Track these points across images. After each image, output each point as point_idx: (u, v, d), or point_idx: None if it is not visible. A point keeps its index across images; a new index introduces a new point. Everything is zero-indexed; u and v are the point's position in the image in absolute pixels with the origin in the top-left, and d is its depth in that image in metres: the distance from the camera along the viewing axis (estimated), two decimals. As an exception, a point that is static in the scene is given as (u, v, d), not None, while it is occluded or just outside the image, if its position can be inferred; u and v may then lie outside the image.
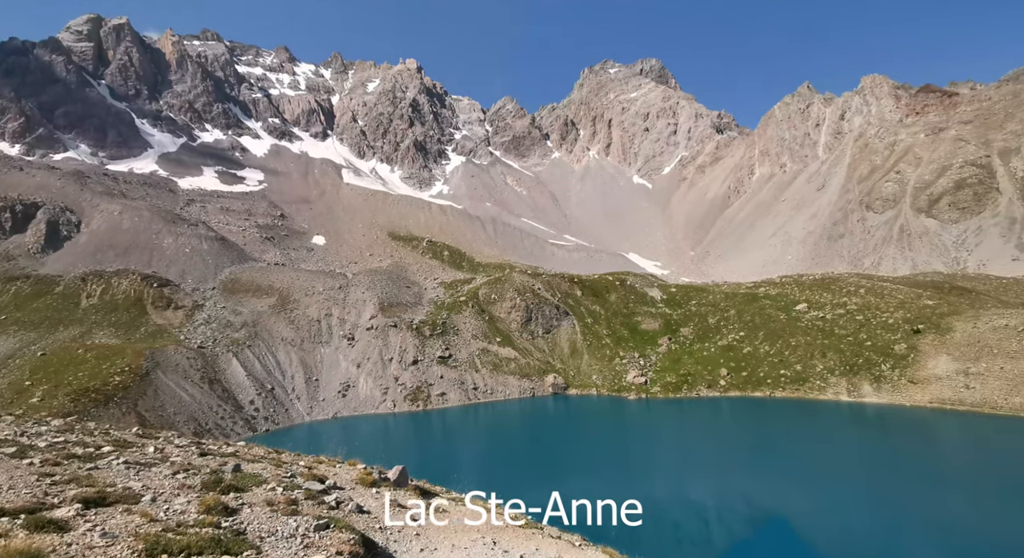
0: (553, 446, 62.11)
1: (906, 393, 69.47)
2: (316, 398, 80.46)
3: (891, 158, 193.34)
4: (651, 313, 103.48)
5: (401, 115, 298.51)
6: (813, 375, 76.80)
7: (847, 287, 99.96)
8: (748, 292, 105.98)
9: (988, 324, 73.40)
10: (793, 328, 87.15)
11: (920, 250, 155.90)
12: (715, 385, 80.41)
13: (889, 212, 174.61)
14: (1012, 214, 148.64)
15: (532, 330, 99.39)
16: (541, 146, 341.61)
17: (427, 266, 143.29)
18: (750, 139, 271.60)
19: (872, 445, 60.14)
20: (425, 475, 21.81)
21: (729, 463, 54.95)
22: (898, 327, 79.84)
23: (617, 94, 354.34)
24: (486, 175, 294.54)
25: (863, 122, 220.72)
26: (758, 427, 68.16)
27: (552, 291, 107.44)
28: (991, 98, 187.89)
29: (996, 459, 53.75)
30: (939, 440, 61.17)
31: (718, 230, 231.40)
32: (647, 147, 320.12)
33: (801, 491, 46.02)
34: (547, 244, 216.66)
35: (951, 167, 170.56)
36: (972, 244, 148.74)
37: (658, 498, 45.61)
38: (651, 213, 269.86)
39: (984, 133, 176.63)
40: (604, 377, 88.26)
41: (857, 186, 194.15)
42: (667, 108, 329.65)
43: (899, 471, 51.01)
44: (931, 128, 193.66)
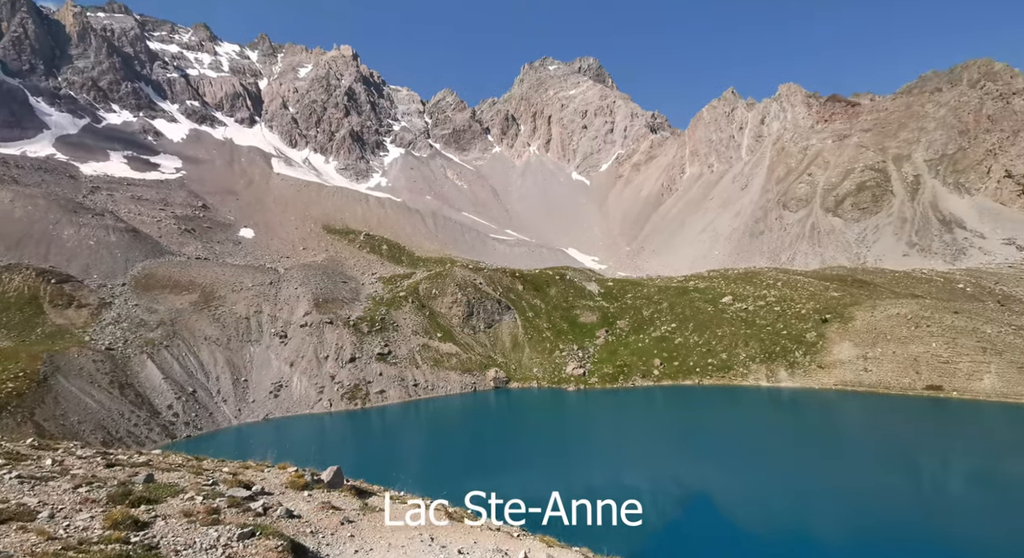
0: (495, 440, 62.49)
1: (815, 377, 76.01)
2: (245, 400, 76.02)
3: (804, 161, 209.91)
4: (589, 306, 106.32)
5: (336, 103, 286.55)
6: (737, 363, 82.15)
7: (767, 280, 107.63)
8: (679, 286, 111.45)
9: (883, 313, 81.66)
10: (720, 319, 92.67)
11: (828, 246, 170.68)
12: (649, 375, 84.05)
13: (802, 211, 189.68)
14: (903, 214, 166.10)
15: (474, 325, 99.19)
16: (482, 140, 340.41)
17: (365, 260, 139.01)
18: (681, 139, 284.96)
19: (786, 426, 65.59)
20: (363, 475, 21.16)
21: (663, 449, 57.79)
22: (809, 317, 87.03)
23: (556, 91, 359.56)
24: (426, 168, 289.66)
25: (780, 127, 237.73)
26: (688, 414, 72.15)
27: (494, 286, 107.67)
28: (887, 109, 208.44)
29: (885, 434, 60.21)
30: (841, 419, 67.56)
31: (652, 226, 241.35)
32: (585, 144, 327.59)
33: (726, 471, 49.21)
34: (488, 239, 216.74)
35: (854, 171, 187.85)
36: (871, 241, 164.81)
37: (596, 485, 47.09)
38: (589, 209, 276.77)
39: (881, 140, 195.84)
40: (545, 370, 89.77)
41: (775, 186, 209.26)
42: (604, 107, 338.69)
43: (807, 448, 55.87)
44: (837, 135, 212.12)
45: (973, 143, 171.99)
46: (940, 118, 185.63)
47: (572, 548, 13.98)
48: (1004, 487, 44.36)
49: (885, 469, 48.92)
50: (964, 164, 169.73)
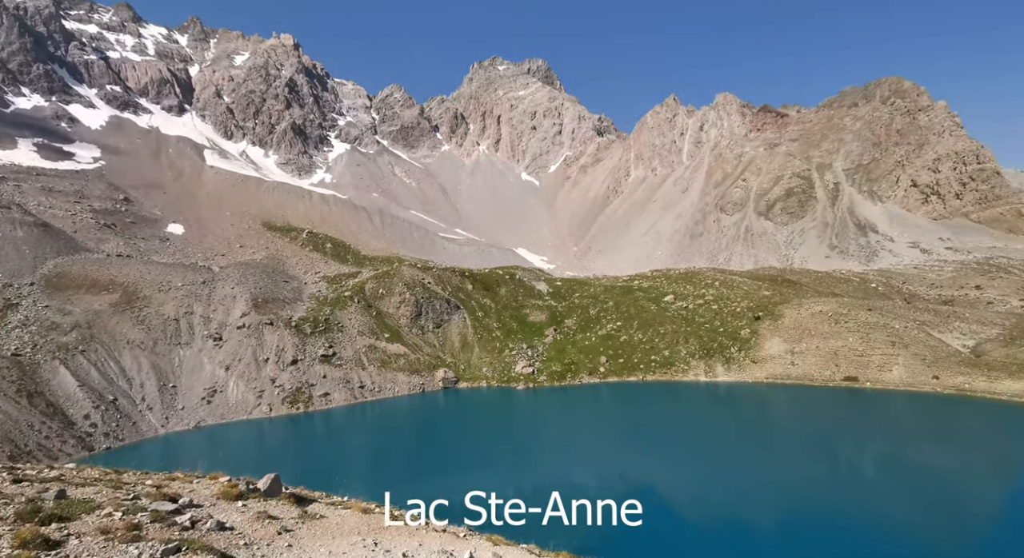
0: (444, 440, 61.86)
1: (749, 371, 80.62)
2: (174, 407, 71.13)
3: (739, 167, 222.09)
4: (538, 306, 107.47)
5: (276, 95, 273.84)
6: (678, 359, 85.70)
7: (705, 280, 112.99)
8: (624, 285, 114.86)
9: (808, 311, 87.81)
10: (662, 317, 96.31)
11: (760, 248, 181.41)
12: (596, 372, 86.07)
13: (737, 214, 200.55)
14: (826, 219, 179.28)
15: (422, 325, 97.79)
16: (431, 138, 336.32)
17: (308, 259, 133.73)
18: (626, 143, 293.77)
19: (723, 418, 69.18)
20: (304, 481, 20.35)
21: (609, 444, 59.33)
22: (744, 315, 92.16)
23: (506, 91, 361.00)
24: (373, 165, 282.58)
25: (717, 134, 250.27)
26: (633, 409, 74.51)
27: (443, 285, 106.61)
28: (811, 120, 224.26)
29: (810, 423, 64.94)
30: (771, 410, 72.03)
31: (599, 227, 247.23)
32: (534, 145, 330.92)
33: (669, 463, 51.23)
34: (437, 237, 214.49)
35: (782, 177, 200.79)
36: (798, 243, 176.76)
37: (543, 483, 47.66)
38: (538, 209, 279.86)
39: (806, 150, 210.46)
40: (494, 369, 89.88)
41: (713, 190, 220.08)
42: (553, 108, 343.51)
43: (742, 438, 59.20)
44: (768, 143, 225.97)
45: (884, 155, 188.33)
46: (856, 131, 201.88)
47: (519, 545, 14.06)
48: (910, 470, 48.98)
49: (810, 456, 52.71)
50: (877, 174, 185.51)
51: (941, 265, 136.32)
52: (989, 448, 54.74)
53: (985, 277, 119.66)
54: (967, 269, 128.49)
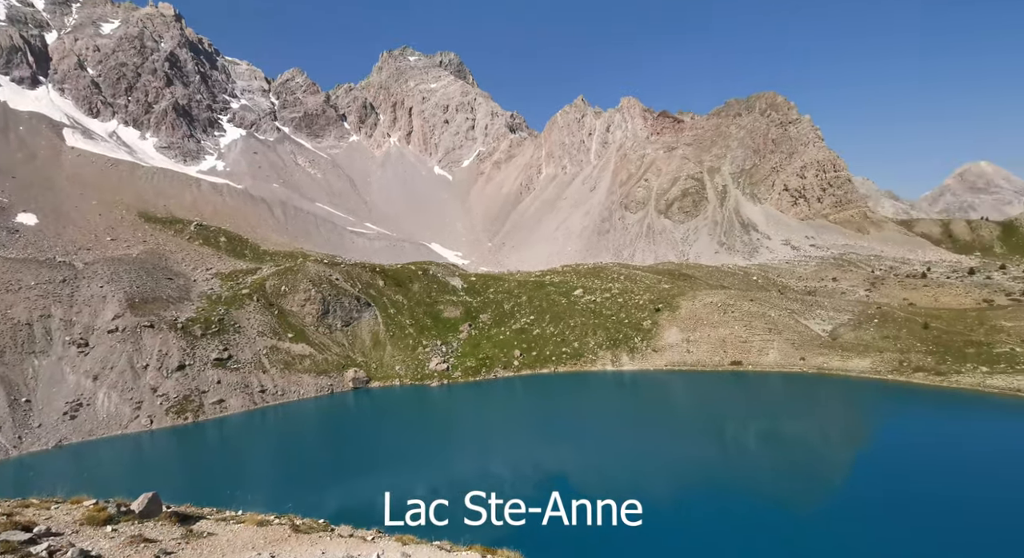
0: (353, 442, 59.43)
1: (651, 360, 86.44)
2: (28, 425, 61.28)
3: (641, 168, 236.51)
4: (453, 301, 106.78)
5: (154, 70, 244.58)
6: (587, 350, 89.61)
7: (612, 275, 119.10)
8: (537, 280, 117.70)
9: (701, 302, 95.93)
10: (572, 311, 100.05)
11: (660, 244, 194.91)
12: (510, 366, 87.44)
13: (640, 212, 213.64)
14: (715, 218, 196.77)
15: (330, 323, 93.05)
16: (338, 127, 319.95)
17: (197, 254, 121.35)
18: (538, 141, 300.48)
19: (628, 404, 73.68)
20: (192, 498, 18.43)
21: (524, 435, 60.62)
22: (646, 307, 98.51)
23: (418, 83, 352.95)
24: (272, 153, 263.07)
25: (622, 136, 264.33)
26: (546, 400, 76.72)
27: (352, 281, 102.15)
28: (703, 127, 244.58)
29: (703, 404, 71.25)
30: (671, 394, 77.93)
31: (512, 223, 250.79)
32: (447, 139, 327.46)
33: (580, 449, 53.43)
34: (346, 232, 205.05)
35: (679, 179, 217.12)
36: (692, 240, 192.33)
37: (459, 477, 47.60)
38: (452, 204, 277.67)
39: (699, 154, 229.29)
40: (407, 367, 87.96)
41: (618, 190, 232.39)
42: (466, 103, 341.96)
43: (646, 421, 63.49)
44: (667, 146, 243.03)
45: (763, 161, 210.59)
46: (740, 139, 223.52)
47: (431, 543, 13.85)
48: (783, 440, 55.66)
49: (702, 434, 57.84)
50: (756, 178, 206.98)
51: (806, 260, 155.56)
52: (841, 418, 63.97)
53: (840, 270, 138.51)
54: (826, 263, 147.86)
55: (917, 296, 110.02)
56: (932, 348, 74.21)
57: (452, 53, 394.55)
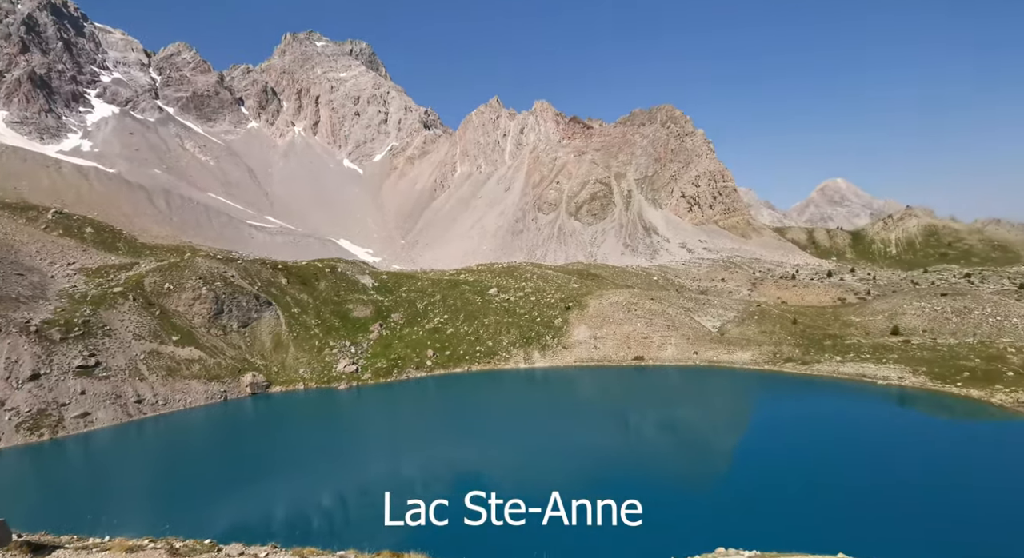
0: (249, 452, 54.92)
1: (561, 356, 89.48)
2: None
3: (553, 171, 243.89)
4: (363, 300, 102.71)
5: (7, 34, 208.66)
6: (501, 349, 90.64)
7: (525, 274, 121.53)
8: (451, 279, 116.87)
9: (607, 301, 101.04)
10: (486, 309, 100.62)
11: (571, 245, 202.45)
12: (423, 366, 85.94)
13: (552, 214, 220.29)
14: (621, 221, 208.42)
15: (224, 325, 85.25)
16: (234, 111, 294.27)
17: (56, 247, 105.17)
18: (453, 139, 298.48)
19: (539, 400, 75.70)
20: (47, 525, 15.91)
21: (437, 435, 59.79)
22: (557, 305, 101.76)
23: (325, 70, 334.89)
24: (153, 135, 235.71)
25: (535, 138, 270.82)
26: (459, 399, 76.43)
27: (251, 279, 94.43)
28: (610, 134, 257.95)
29: (609, 398, 75.21)
30: (579, 389, 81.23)
31: (426, 221, 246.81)
32: (358, 132, 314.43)
33: (493, 445, 53.83)
34: (244, 225, 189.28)
35: (588, 183, 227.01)
36: (600, 241, 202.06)
37: (367, 481, 45.90)
38: (363, 200, 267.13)
39: (607, 159, 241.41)
40: (313, 369, 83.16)
41: (532, 191, 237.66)
42: (378, 95, 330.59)
43: (556, 415, 65.59)
44: (577, 151, 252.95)
45: (663, 169, 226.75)
46: (644, 147, 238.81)
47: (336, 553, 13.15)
48: (679, 426, 60.39)
49: (612, 424, 61.03)
50: (658, 184, 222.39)
51: (700, 262, 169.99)
52: (726, 405, 70.92)
53: (727, 272, 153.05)
54: (716, 265, 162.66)
55: (788, 295, 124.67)
56: (799, 341, 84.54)
57: (363, 42, 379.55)
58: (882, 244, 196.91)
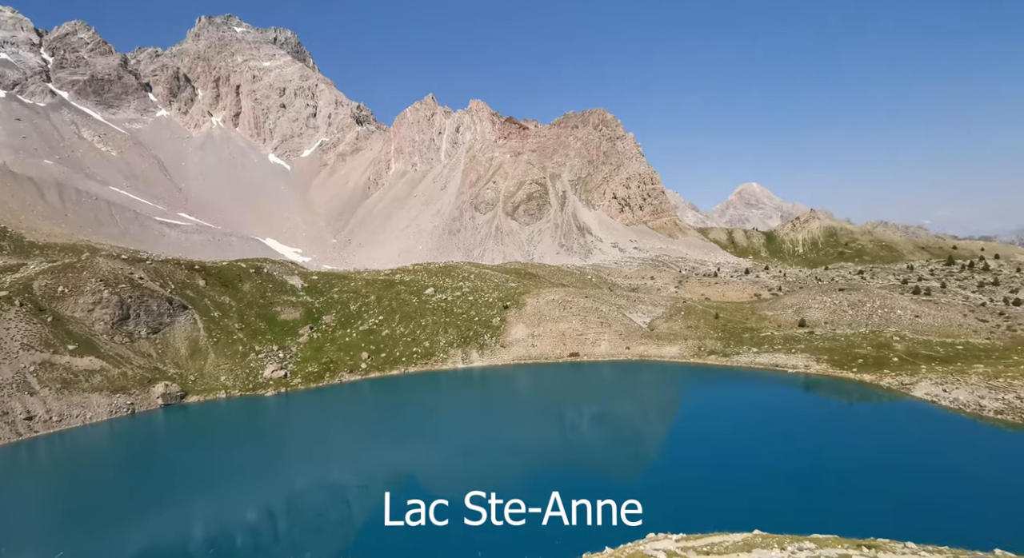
0: (158, 469, 50.47)
1: (499, 355, 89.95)
2: None
3: (490, 170, 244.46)
4: (292, 302, 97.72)
5: None
6: (438, 349, 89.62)
7: (463, 273, 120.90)
8: (386, 279, 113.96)
9: (544, 299, 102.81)
10: (423, 310, 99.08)
11: (508, 244, 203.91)
12: (357, 369, 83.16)
13: (489, 213, 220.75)
14: (557, 221, 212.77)
15: (131, 331, 77.91)
16: (140, 98, 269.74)
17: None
18: (387, 135, 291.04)
19: (476, 399, 75.76)
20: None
21: (370, 439, 58.10)
22: (495, 305, 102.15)
23: (247, 59, 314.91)
24: (44, 121, 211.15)
25: (472, 138, 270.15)
26: (395, 401, 74.77)
27: (163, 281, 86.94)
28: (545, 136, 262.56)
29: (546, 394, 76.66)
30: (517, 387, 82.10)
31: (359, 219, 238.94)
32: (284, 125, 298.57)
33: (431, 445, 53.11)
34: (154, 223, 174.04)
35: (525, 183, 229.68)
36: (537, 241, 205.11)
37: (297, 490, 43.82)
38: (291, 197, 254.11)
39: (542, 160, 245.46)
40: (236, 376, 78.00)
41: (468, 190, 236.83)
42: (306, 88, 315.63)
43: (494, 414, 65.89)
44: (513, 151, 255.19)
45: (596, 171, 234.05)
46: (578, 149, 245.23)
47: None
48: (611, 418, 62.65)
49: (549, 421, 62.16)
50: (591, 186, 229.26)
51: (631, 261, 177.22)
52: (655, 397, 74.56)
53: (656, 270, 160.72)
54: (646, 264, 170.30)
55: (711, 292, 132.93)
56: (721, 335, 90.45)
57: (288, 31, 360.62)
58: (791, 244, 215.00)
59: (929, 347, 74.67)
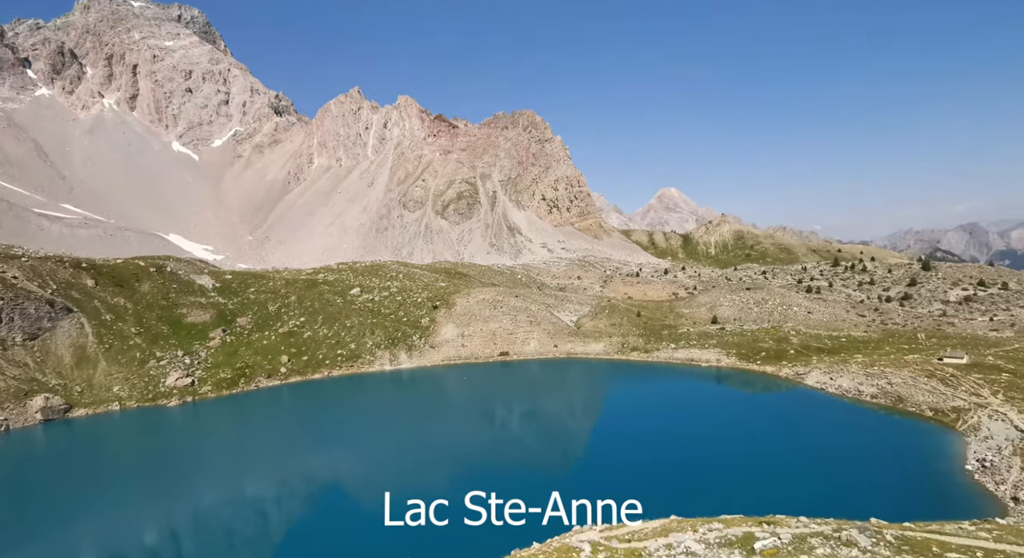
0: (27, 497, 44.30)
1: (428, 356, 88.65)
2: None
3: (419, 168, 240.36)
4: (201, 304, 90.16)
5: None
6: (365, 351, 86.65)
7: (391, 273, 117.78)
8: (308, 278, 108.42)
9: (474, 299, 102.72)
10: (349, 310, 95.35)
11: (438, 243, 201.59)
12: (276, 373, 78.40)
13: (419, 211, 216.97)
14: (487, 221, 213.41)
15: (3, 337, 68.13)
16: (16, 74, 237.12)
17: None
18: (309, 128, 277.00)
19: (404, 402, 74.20)
20: None
21: (286, 448, 54.91)
22: (424, 304, 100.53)
23: (145, 36, 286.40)
24: None
25: (400, 134, 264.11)
26: (316, 407, 71.15)
27: (42, 281, 76.83)
28: (475, 135, 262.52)
29: (476, 393, 76.69)
30: (446, 388, 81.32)
31: (279, 215, 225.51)
32: (192, 112, 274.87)
33: (354, 452, 51.13)
34: (31, 215, 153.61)
35: (455, 182, 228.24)
36: (467, 240, 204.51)
37: (204, 507, 40.55)
38: (200, 189, 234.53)
39: (472, 160, 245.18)
40: (133, 386, 70.65)
41: (397, 187, 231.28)
42: (216, 72, 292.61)
43: (423, 416, 64.84)
44: (443, 150, 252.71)
45: (525, 172, 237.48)
46: (508, 150, 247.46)
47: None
48: (540, 415, 63.93)
49: (480, 419, 62.10)
50: (520, 186, 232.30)
51: (559, 261, 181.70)
52: (580, 392, 77.07)
53: (583, 270, 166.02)
54: (573, 264, 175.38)
55: (633, 291, 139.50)
56: (642, 331, 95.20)
57: (195, 9, 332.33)
58: (705, 246, 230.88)
59: (819, 340, 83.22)
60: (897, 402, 57.18)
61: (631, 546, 19.00)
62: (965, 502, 35.27)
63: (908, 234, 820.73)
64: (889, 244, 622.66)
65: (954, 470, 41.00)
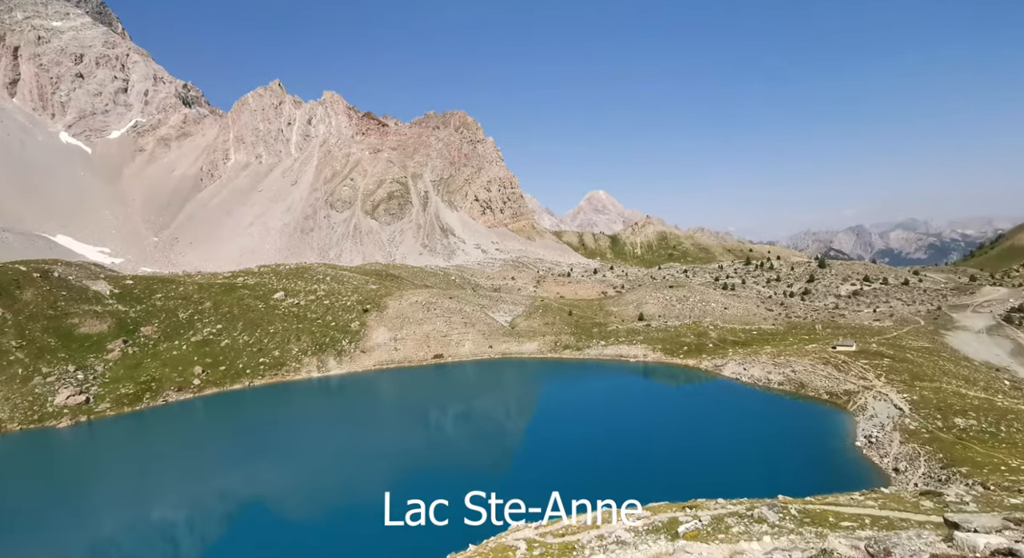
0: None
1: (359, 361, 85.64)
2: None
3: (347, 167, 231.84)
4: (96, 312, 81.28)
5: None
6: (290, 358, 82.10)
7: (317, 275, 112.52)
8: (226, 282, 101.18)
9: (407, 301, 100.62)
10: (272, 316, 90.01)
11: (368, 245, 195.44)
12: (188, 386, 72.26)
13: (347, 212, 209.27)
14: (419, 221, 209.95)
15: None
16: None
17: None
18: (224, 121, 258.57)
19: (333, 410, 71.17)
20: None
21: (199, 468, 50.74)
22: (354, 308, 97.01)
23: (29, 16, 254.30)
24: None
25: (326, 131, 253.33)
26: (235, 421, 66.38)
27: None
28: (406, 134, 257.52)
29: (409, 398, 75.12)
30: (378, 393, 78.98)
31: (189, 214, 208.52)
32: (83, 100, 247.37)
33: (277, 468, 48.28)
34: None
35: (385, 181, 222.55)
36: (398, 241, 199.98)
37: (103, 535, 36.67)
38: (93, 185, 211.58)
39: (403, 159, 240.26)
40: (14, 406, 62.39)
41: (323, 186, 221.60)
42: (112, 57, 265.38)
43: (353, 424, 62.57)
44: (372, 148, 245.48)
45: (458, 173, 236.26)
46: (439, 150, 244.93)
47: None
48: (474, 415, 63.83)
49: (411, 424, 60.87)
50: (453, 187, 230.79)
51: (493, 262, 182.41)
52: (514, 393, 77.87)
53: (517, 271, 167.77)
54: (507, 265, 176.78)
55: (565, 290, 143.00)
56: (574, 330, 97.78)
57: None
58: (631, 246, 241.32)
59: (735, 334, 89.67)
60: (800, 388, 62.93)
61: (565, 540, 19.44)
62: (856, 475, 39.48)
63: (807, 235, 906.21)
64: (792, 244, 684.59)
65: (847, 447, 45.78)
